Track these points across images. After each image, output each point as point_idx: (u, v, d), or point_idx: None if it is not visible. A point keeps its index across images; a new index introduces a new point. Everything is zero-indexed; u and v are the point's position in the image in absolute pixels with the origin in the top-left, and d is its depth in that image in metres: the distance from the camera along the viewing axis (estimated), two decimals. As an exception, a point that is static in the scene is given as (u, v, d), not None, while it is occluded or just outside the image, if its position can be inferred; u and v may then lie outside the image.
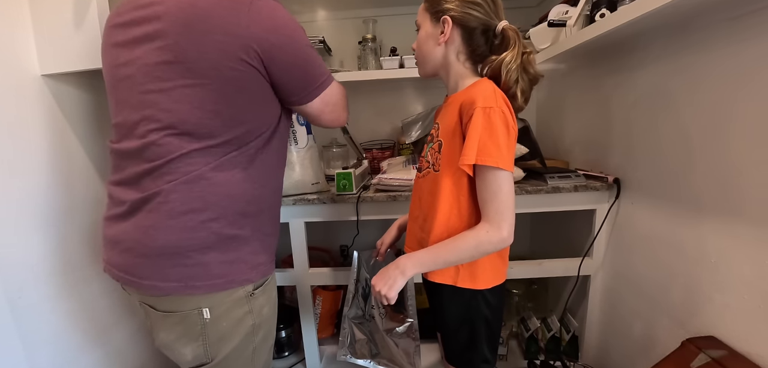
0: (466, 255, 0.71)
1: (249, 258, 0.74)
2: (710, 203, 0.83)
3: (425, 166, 0.81)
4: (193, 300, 0.69)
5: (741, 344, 0.77)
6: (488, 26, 0.73)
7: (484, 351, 0.81)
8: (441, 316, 0.83)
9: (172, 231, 0.65)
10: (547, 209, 1.21)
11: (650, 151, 1.00)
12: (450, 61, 0.77)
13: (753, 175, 0.73)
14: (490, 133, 0.66)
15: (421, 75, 0.83)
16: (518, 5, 1.62)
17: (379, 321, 0.94)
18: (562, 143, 1.52)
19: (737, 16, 0.73)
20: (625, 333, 1.15)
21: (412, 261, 0.72)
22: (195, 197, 0.66)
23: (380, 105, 1.75)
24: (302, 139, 1.17)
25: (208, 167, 0.66)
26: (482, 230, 0.69)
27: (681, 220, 0.91)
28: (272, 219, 0.82)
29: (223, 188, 0.68)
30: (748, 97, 0.73)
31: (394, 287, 0.71)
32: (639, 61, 1.03)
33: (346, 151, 1.65)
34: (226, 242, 0.70)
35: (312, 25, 1.70)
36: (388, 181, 1.22)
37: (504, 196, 0.67)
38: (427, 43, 0.77)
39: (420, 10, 0.79)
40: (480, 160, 0.66)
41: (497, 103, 0.67)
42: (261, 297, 0.77)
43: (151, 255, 0.66)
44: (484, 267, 0.77)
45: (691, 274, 0.89)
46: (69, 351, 0.97)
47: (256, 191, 0.74)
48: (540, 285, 1.67)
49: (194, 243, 0.66)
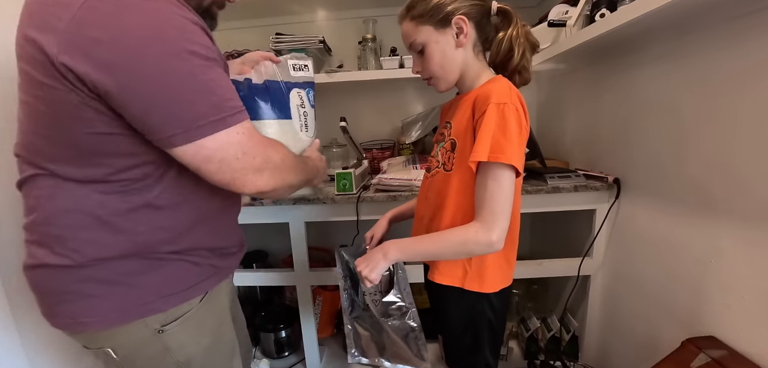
0: (449, 251, 0.70)
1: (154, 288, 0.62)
2: (710, 203, 0.83)
3: (435, 165, 0.79)
4: (92, 338, 0.62)
5: (741, 344, 0.77)
6: (488, 9, 0.72)
7: (487, 355, 0.80)
8: (444, 319, 0.82)
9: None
10: (547, 209, 1.21)
11: (650, 151, 1.00)
12: (468, 61, 0.74)
13: (753, 175, 0.73)
14: (504, 130, 0.63)
15: (443, 89, 0.77)
16: (518, 5, 1.60)
17: (374, 307, 0.91)
18: (562, 143, 1.52)
19: (738, 15, 0.73)
20: (625, 333, 1.15)
21: (396, 247, 0.71)
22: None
23: (380, 105, 1.75)
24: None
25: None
26: (471, 229, 0.66)
27: (681, 220, 0.91)
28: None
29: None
30: (748, 97, 0.73)
31: (376, 269, 0.71)
32: (639, 61, 1.03)
33: (346, 151, 1.65)
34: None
35: (312, 26, 1.70)
36: (388, 180, 1.22)
37: (502, 198, 0.64)
38: (447, 54, 0.72)
39: (411, 29, 0.72)
40: (493, 157, 0.62)
41: (512, 100, 0.65)
42: (182, 331, 0.64)
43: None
44: (492, 270, 0.75)
45: (691, 274, 0.89)
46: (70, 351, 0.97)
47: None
48: (540, 285, 1.67)
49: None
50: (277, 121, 0.80)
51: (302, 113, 0.87)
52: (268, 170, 0.62)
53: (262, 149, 0.61)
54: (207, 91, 0.54)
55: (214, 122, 0.54)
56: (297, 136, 0.84)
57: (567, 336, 1.35)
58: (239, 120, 0.57)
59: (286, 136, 0.81)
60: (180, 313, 0.64)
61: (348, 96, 1.71)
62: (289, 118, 0.82)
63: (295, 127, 0.83)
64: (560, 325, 1.38)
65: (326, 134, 1.62)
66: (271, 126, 0.80)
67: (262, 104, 0.77)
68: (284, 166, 0.66)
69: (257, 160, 0.60)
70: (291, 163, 0.68)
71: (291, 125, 0.83)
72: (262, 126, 0.78)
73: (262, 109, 0.77)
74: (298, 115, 0.85)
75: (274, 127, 0.80)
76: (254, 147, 0.59)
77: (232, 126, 0.56)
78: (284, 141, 0.74)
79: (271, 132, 0.79)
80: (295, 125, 0.84)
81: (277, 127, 0.80)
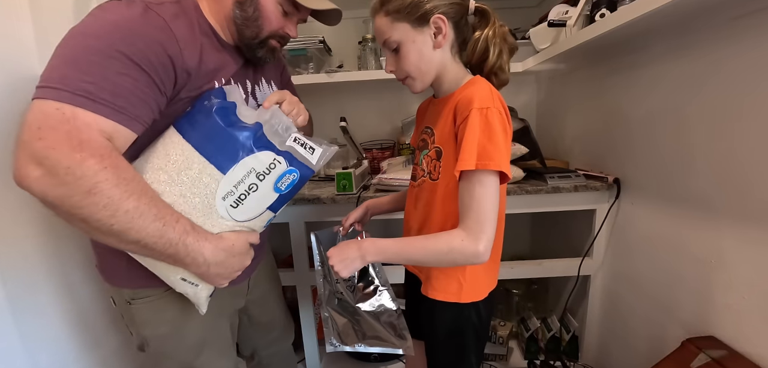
0: (434, 259, 0.66)
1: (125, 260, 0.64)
2: (711, 203, 0.83)
3: (420, 174, 0.76)
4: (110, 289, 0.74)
5: (741, 344, 0.76)
6: (466, 8, 0.69)
7: (472, 361, 0.79)
8: (429, 326, 0.80)
9: None
10: (547, 209, 1.21)
11: (650, 151, 1.00)
12: (446, 62, 0.71)
13: (754, 175, 0.73)
14: (490, 135, 0.61)
15: (418, 90, 0.74)
16: (518, 5, 1.63)
17: (349, 296, 0.88)
18: (562, 143, 1.52)
19: (738, 16, 0.73)
20: (625, 333, 1.15)
21: (375, 247, 0.68)
22: None
23: (380, 105, 1.75)
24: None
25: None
26: (457, 237, 0.62)
27: (681, 220, 0.91)
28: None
29: None
30: (749, 97, 0.73)
31: (349, 268, 0.68)
32: (639, 61, 1.03)
33: (346, 151, 1.65)
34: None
35: (312, 26, 1.68)
36: (388, 180, 1.22)
37: (488, 205, 0.61)
38: (424, 54, 0.68)
39: (386, 26, 0.68)
40: (481, 165, 0.60)
41: (494, 104, 0.63)
42: (145, 311, 0.70)
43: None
44: (482, 276, 0.74)
45: (691, 274, 0.89)
46: (69, 352, 0.97)
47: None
48: (540, 285, 1.66)
49: None
50: (199, 157, 0.60)
51: (247, 187, 0.63)
52: (46, 169, 0.47)
53: (63, 143, 0.47)
54: (85, 68, 0.50)
55: (54, 89, 0.49)
56: (210, 201, 0.61)
57: (567, 336, 1.35)
58: (75, 103, 0.49)
59: (193, 184, 0.60)
60: (144, 294, 0.70)
61: (348, 96, 1.71)
62: (222, 171, 0.61)
63: (219, 188, 0.61)
64: (560, 325, 1.38)
65: (326, 134, 1.62)
66: (190, 156, 0.60)
67: (207, 125, 0.61)
68: (87, 186, 0.48)
69: (40, 146, 0.47)
70: (109, 193, 0.49)
71: (213, 177, 0.61)
72: (181, 144, 0.61)
73: (200, 129, 0.61)
74: (237, 182, 0.62)
75: (190, 161, 0.60)
76: (56, 136, 0.47)
77: (55, 100, 0.48)
78: (181, 184, 0.59)
79: (179, 158, 0.60)
80: (222, 187, 0.61)
81: (198, 166, 0.60)
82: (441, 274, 0.74)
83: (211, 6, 0.69)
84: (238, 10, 0.67)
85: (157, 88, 0.58)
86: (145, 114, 0.57)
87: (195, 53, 0.63)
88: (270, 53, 0.75)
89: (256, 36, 0.70)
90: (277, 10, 0.70)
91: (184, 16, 0.64)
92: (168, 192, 0.59)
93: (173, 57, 0.59)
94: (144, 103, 0.56)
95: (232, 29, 0.70)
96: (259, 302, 0.94)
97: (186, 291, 0.66)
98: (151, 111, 0.58)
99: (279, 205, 0.69)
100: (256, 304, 0.94)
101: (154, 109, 0.59)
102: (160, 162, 0.60)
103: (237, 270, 0.67)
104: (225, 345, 0.84)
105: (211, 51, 0.67)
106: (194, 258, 0.59)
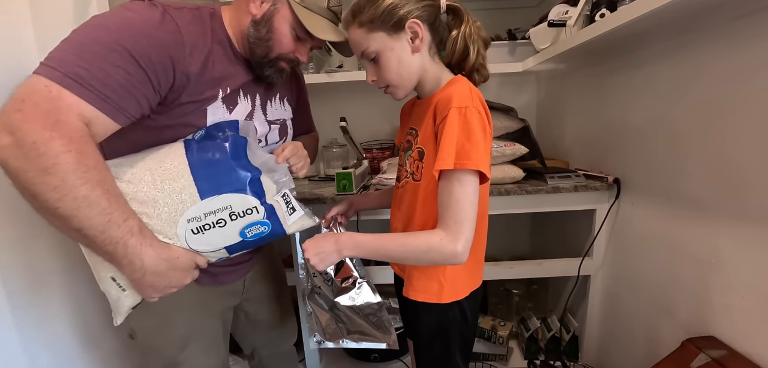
0: (413, 257, 0.66)
1: None
2: (710, 203, 0.83)
3: (404, 175, 0.76)
4: None
5: (741, 344, 0.77)
6: (439, 8, 0.69)
7: (458, 361, 0.79)
8: (415, 326, 0.80)
9: None
10: (547, 209, 1.21)
11: (650, 151, 1.00)
12: (425, 65, 0.70)
13: (753, 176, 0.73)
14: (468, 134, 0.60)
15: (401, 97, 0.74)
16: (518, 5, 1.62)
17: (327, 289, 0.86)
18: (562, 143, 1.52)
19: (738, 16, 0.73)
20: (625, 333, 1.15)
21: (353, 242, 0.68)
22: None
23: (380, 105, 1.75)
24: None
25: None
26: (436, 237, 0.62)
27: (681, 220, 0.91)
28: None
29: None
30: (749, 97, 0.73)
31: (325, 261, 0.68)
32: (639, 61, 1.03)
33: (346, 151, 1.66)
34: None
35: (312, 25, 1.70)
36: (388, 180, 1.22)
37: (467, 204, 0.61)
38: (403, 61, 0.68)
39: (362, 37, 0.68)
40: (459, 164, 0.59)
41: (473, 103, 0.62)
42: (133, 302, 0.67)
43: None
44: (464, 276, 0.74)
45: (691, 274, 0.89)
46: (70, 352, 0.97)
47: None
48: (540, 285, 1.67)
49: None
50: (188, 175, 0.60)
51: (216, 220, 0.62)
52: (15, 139, 0.48)
53: (38, 119, 0.48)
54: (85, 55, 0.53)
55: (50, 68, 0.51)
56: (175, 217, 0.60)
57: (567, 336, 1.35)
58: (63, 84, 0.50)
59: (169, 196, 0.60)
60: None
61: (348, 96, 1.71)
62: (201, 196, 0.61)
63: (189, 210, 0.61)
64: (560, 325, 1.38)
65: (326, 134, 1.62)
66: (182, 171, 0.60)
67: (211, 148, 0.63)
68: (45, 164, 0.48)
69: (17, 117, 0.48)
70: (64, 176, 0.49)
71: (192, 197, 0.60)
72: (179, 158, 0.62)
73: (203, 152, 0.62)
74: (208, 212, 0.62)
75: (179, 175, 0.60)
76: (35, 112, 0.48)
77: (47, 78, 0.50)
78: (160, 191, 0.59)
79: (171, 169, 0.60)
80: (192, 210, 0.61)
81: (184, 182, 0.60)
82: (421, 275, 0.74)
83: (232, 18, 0.72)
84: (252, 28, 0.70)
85: (152, 86, 0.59)
86: (131, 107, 0.58)
87: (200, 59, 0.65)
88: (278, 74, 0.76)
89: (265, 55, 0.72)
90: (290, 34, 0.72)
91: (200, 22, 0.66)
92: (143, 192, 0.59)
93: (175, 59, 0.61)
94: (132, 98, 0.57)
95: (246, 45, 0.72)
96: (256, 300, 0.95)
97: (110, 292, 0.63)
98: (139, 106, 0.59)
99: (237, 249, 0.68)
100: (253, 302, 0.94)
101: (144, 105, 0.60)
102: (152, 164, 0.62)
103: (174, 286, 0.64)
104: (212, 343, 0.84)
105: (221, 59, 0.70)
106: (131, 261, 0.57)
